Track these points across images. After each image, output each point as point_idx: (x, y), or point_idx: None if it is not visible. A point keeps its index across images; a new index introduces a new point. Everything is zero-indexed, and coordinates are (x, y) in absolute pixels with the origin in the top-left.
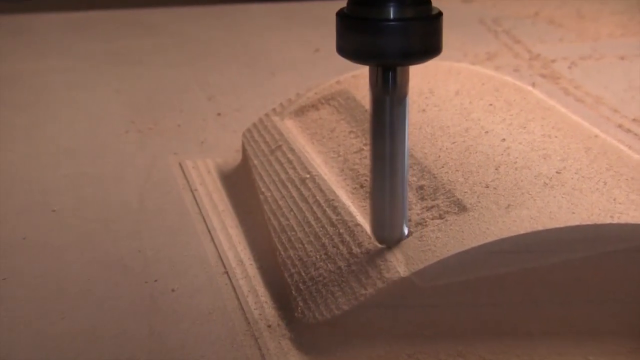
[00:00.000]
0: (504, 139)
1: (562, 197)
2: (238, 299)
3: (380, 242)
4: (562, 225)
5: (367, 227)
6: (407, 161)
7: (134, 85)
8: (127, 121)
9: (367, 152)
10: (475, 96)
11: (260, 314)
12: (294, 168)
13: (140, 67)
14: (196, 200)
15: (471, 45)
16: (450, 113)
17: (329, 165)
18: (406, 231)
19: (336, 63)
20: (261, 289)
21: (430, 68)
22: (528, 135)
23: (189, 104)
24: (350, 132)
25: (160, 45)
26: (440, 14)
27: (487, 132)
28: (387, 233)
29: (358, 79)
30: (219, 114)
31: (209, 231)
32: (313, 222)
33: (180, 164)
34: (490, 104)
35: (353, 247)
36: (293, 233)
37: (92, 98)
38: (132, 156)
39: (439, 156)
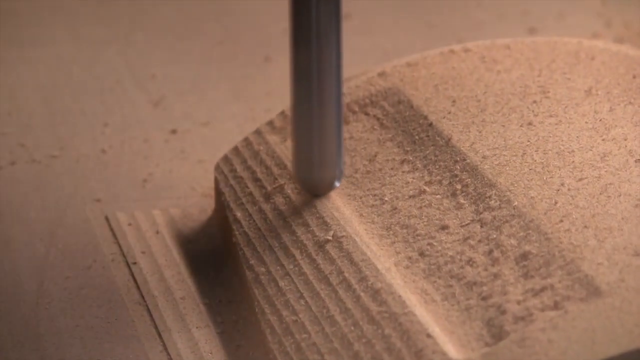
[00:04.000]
0: None
1: None
2: None
3: (306, 188)
4: None
5: (429, 322)
6: (342, 76)
7: (21, 78)
8: (12, 144)
9: (430, 195)
10: (621, 98)
11: None
12: (306, 225)
13: (33, 44)
14: (136, 281)
15: (617, 8)
16: (576, 128)
17: (367, 219)
18: (338, 180)
19: (379, 38)
20: None
21: (543, 49)
22: None
23: (120, 113)
24: (404, 161)
25: (68, 6)
26: None
27: (638, 160)
28: (316, 175)
29: (416, 69)
30: (173, 131)
31: (159, 334)
32: (338, 318)
33: (107, 218)
34: None
35: (407, 358)
36: (305, 336)
37: None
38: (22, 206)
39: (556, 203)
